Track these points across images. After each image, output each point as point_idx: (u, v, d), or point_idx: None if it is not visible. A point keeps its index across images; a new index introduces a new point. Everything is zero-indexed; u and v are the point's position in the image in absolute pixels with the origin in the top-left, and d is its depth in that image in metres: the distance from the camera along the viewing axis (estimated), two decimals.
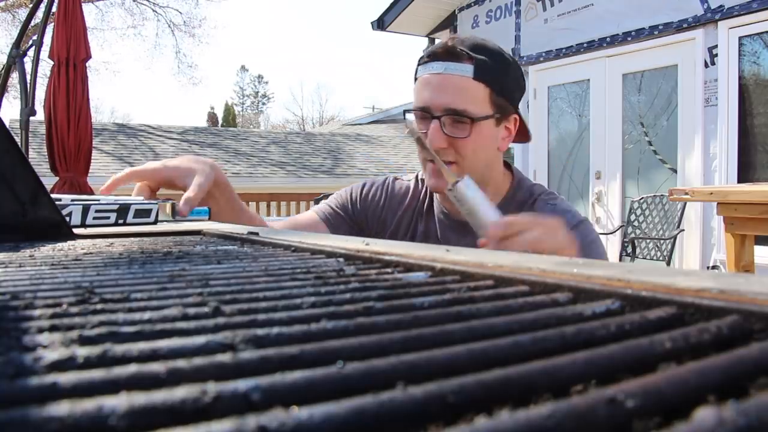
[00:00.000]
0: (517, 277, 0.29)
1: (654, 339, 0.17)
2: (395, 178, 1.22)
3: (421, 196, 1.17)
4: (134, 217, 0.84)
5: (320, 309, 0.24)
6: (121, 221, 0.82)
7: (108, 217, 0.81)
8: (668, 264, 3.95)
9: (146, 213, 0.85)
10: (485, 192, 1.00)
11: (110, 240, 0.62)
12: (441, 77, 0.99)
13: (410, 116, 1.05)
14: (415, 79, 1.06)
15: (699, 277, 0.27)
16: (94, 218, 0.80)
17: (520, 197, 1.09)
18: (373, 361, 0.16)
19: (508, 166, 1.13)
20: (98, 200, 0.83)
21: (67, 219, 0.77)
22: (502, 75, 1.01)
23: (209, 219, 0.93)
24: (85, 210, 0.80)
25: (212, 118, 28.90)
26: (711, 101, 4.07)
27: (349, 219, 1.16)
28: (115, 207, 0.82)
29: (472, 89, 0.99)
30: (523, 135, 1.12)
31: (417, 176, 1.21)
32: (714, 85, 4.05)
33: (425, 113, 1.01)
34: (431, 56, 1.02)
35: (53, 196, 0.65)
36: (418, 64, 1.04)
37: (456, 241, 1.08)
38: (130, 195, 0.96)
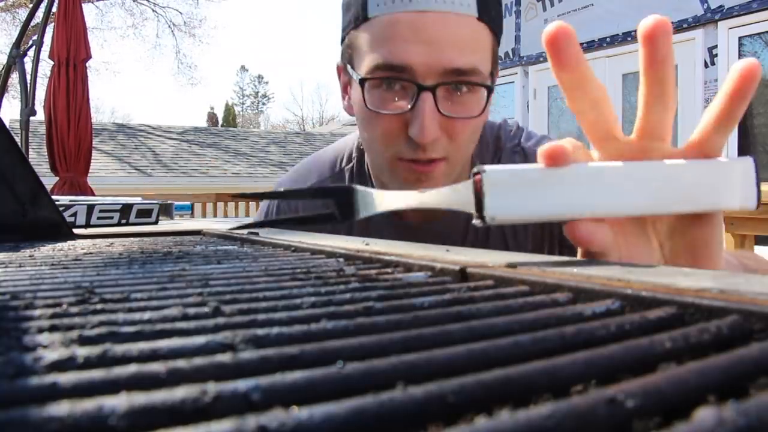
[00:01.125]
0: (517, 277, 0.29)
1: (654, 339, 0.17)
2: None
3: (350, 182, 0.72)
4: (136, 217, 0.84)
5: (320, 309, 0.24)
6: (123, 221, 0.83)
7: (111, 218, 0.82)
8: None
9: (148, 213, 0.86)
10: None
11: (110, 240, 0.62)
12: (431, 17, 0.58)
13: (376, 92, 0.63)
14: (359, 19, 0.62)
15: (699, 277, 0.27)
16: (98, 218, 0.81)
17: (487, 153, 0.76)
18: (373, 361, 0.16)
19: None
20: (101, 201, 0.84)
21: (72, 219, 0.78)
22: (500, 10, 0.66)
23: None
24: (90, 210, 0.80)
25: (212, 118, 28.90)
26: (711, 101, 4.07)
27: None
28: (118, 207, 0.83)
29: (478, 36, 0.61)
30: None
31: (337, 160, 0.80)
32: (714, 85, 4.05)
33: (403, 80, 0.60)
34: None
35: (55, 197, 0.66)
36: None
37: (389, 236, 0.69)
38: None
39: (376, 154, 0.67)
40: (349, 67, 0.66)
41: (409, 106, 0.60)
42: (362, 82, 0.62)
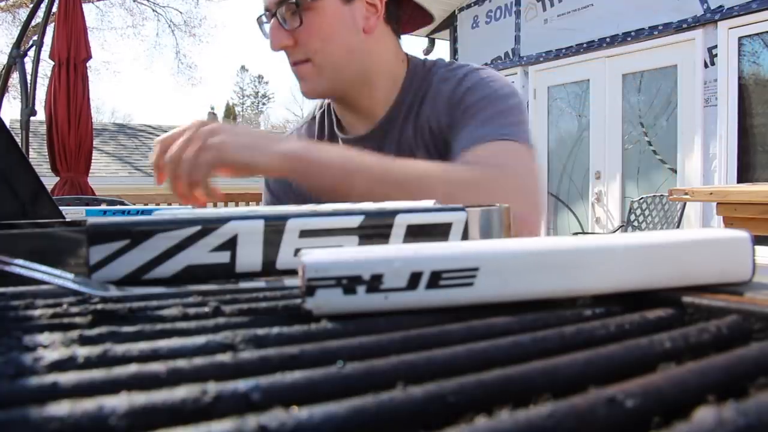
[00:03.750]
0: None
1: (654, 339, 0.17)
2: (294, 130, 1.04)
3: (319, 126, 0.98)
4: None
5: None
6: None
7: None
8: None
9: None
10: (373, 90, 0.86)
11: None
12: None
13: (266, 27, 0.87)
14: None
15: None
16: None
17: (417, 82, 0.89)
18: (373, 361, 0.16)
19: (407, 56, 0.92)
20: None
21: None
22: None
23: None
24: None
25: (213, 118, 28.93)
26: (711, 101, 4.07)
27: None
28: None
29: None
30: (416, 16, 0.93)
31: (314, 109, 1.02)
32: (714, 85, 4.05)
33: (267, 15, 0.85)
34: None
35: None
36: None
37: None
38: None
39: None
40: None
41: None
42: (259, 25, 0.88)
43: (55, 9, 3.83)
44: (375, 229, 0.33)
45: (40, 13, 4.05)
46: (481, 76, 0.85)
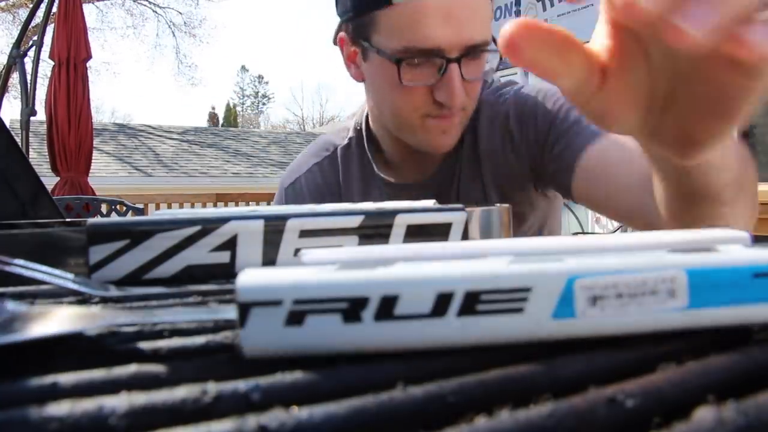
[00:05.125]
0: None
1: (654, 339, 0.17)
2: (300, 176, 0.90)
3: (358, 158, 0.87)
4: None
5: None
6: None
7: None
8: None
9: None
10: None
11: None
12: (453, 1, 0.68)
13: (414, 70, 0.71)
14: (387, 3, 0.69)
15: None
16: None
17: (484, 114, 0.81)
18: (373, 361, 0.16)
19: None
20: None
21: None
22: None
23: None
24: None
25: (213, 118, 28.91)
26: None
27: None
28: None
29: (485, 8, 0.72)
30: None
31: (347, 128, 0.90)
32: None
33: (432, 56, 0.69)
34: None
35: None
36: None
37: None
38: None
39: (404, 118, 0.76)
40: (365, 42, 0.75)
41: (437, 77, 0.70)
42: (398, 61, 0.71)
43: (55, 9, 3.83)
44: (375, 229, 0.33)
45: (40, 13, 4.05)
46: (535, 89, 0.81)
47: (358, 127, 0.89)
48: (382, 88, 0.77)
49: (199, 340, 0.19)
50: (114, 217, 0.85)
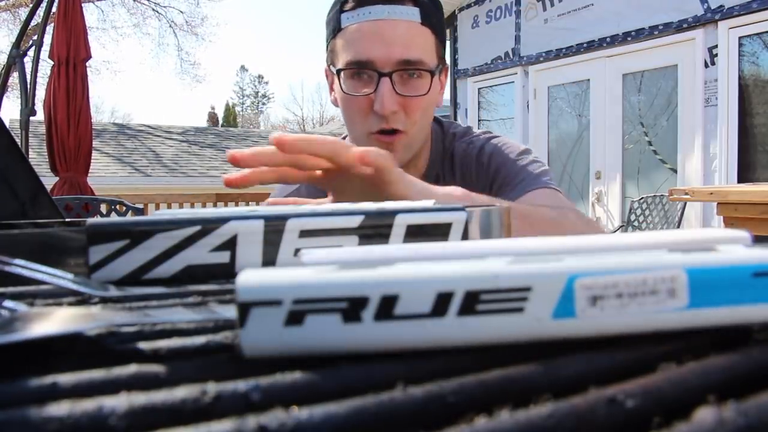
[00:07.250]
0: None
1: (654, 339, 0.17)
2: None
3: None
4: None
5: None
6: None
7: None
8: None
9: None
10: (419, 159, 0.87)
11: None
12: (385, 23, 0.80)
13: (350, 83, 0.83)
14: (336, 30, 0.84)
15: None
16: None
17: (438, 148, 0.93)
18: (372, 361, 0.16)
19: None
20: None
21: None
22: (441, 18, 0.88)
23: None
24: None
25: (213, 118, 28.91)
26: (711, 101, 4.07)
27: None
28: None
29: (421, 36, 0.83)
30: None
31: None
32: (714, 85, 4.05)
33: (367, 70, 0.81)
34: (363, 0, 0.81)
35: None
36: (340, 12, 0.83)
37: None
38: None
39: (355, 132, 0.86)
40: (331, 67, 0.88)
41: (374, 89, 0.82)
42: (338, 72, 0.84)
43: (55, 9, 3.83)
44: (375, 229, 0.33)
45: (40, 12, 4.05)
46: (501, 142, 0.91)
47: None
48: (341, 104, 0.88)
49: (198, 340, 0.19)
50: (114, 217, 0.85)
